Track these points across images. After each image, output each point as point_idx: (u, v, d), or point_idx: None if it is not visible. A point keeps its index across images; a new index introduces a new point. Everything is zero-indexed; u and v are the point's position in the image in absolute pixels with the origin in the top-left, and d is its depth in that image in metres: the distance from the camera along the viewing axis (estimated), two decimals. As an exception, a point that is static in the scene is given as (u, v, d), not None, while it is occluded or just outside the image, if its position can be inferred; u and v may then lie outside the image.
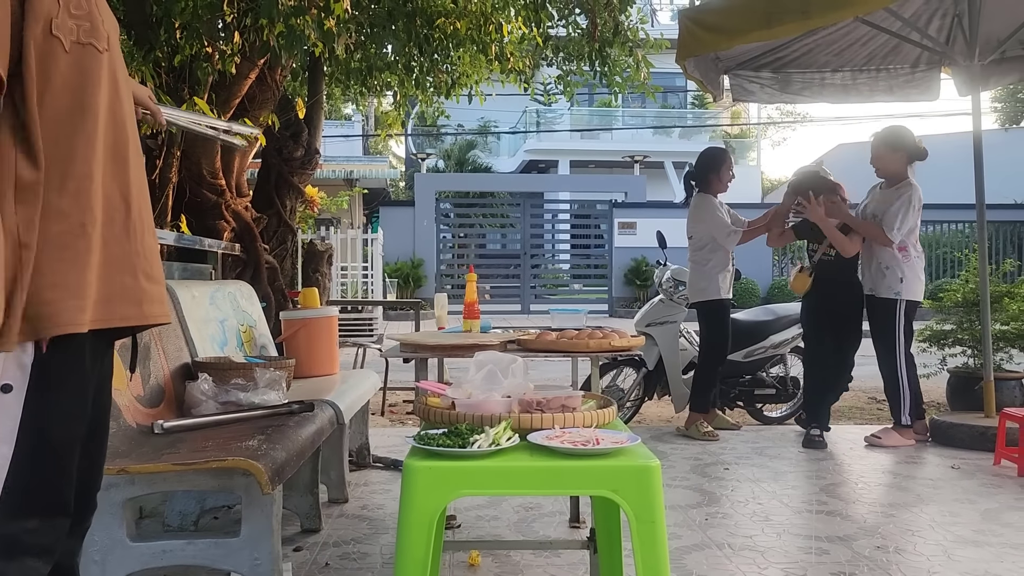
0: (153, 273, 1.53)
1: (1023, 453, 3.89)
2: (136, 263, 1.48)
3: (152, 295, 1.52)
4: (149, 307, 1.51)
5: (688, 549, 2.86)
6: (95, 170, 1.41)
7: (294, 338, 3.67)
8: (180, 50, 3.73)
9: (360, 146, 23.57)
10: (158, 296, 1.54)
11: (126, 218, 1.47)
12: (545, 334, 2.90)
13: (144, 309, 1.50)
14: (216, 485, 2.19)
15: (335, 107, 14.46)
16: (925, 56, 5.26)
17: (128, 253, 1.47)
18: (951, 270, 16.11)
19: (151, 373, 2.62)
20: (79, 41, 1.40)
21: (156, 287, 1.53)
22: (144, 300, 1.49)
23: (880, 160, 4.54)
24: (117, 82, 1.48)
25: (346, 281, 12.53)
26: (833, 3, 3.64)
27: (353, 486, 3.65)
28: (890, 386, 4.52)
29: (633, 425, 5.18)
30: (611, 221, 17.40)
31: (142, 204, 1.52)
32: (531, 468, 1.65)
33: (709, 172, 4.81)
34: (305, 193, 5.42)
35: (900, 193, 4.41)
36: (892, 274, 4.43)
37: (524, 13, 5.49)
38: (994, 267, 5.72)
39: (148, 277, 1.51)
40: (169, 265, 3.89)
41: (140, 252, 1.49)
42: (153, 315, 1.53)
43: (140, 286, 1.49)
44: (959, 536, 3.00)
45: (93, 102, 1.42)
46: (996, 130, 20.88)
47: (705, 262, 4.75)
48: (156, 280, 1.54)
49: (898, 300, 4.42)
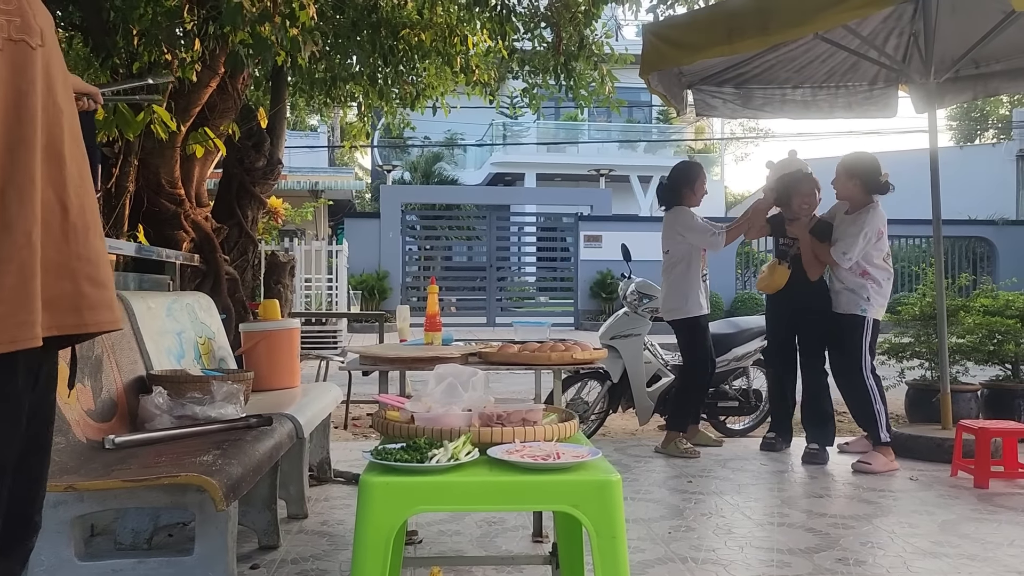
0: (99, 277, 1.45)
1: (979, 465, 3.95)
2: (77, 267, 1.41)
3: (96, 301, 1.44)
4: (92, 314, 1.43)
5: (651, 563, 2.85)
6: (36, 174, 1.34)
7: (254, 351, 3.61)
8: (138, 57, 3.66)
9: (326, 157, 23.40)
10: (105, 302, 1.46)
11: (63, 221, 1.39)
12: (507, 347, 2.88)
13: (85, 316, 1.42)
14: (169, 502, 2.14)
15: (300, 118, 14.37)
16: (883, 74, 5.36)
17: (67, 257, 1.40)
18: (909, 284, 16.43)
19: (103, 386, 2.55)
20: (11, 38, 1.34)
21: (102, 292, 1.45)
22: (85, 307, 1.41)
23: (836, 182, 4.51)
24: (51, 79, 1.41)
25: (310, 293, 12.41)
26: (792, 20, 3.69)
27: (313, 501, 3.59)
28: (862, 405, 4.37)
29: (597, 438, 5.17)
30: (577, 234, 17.47)
31: (84, 204, 1.44)
32: (490, 483, 1.62)
33: (684, 186, 4.76)
34: (267, 203, 5.36)
35: (860, 217, 4.38)
36: (858, 293, 4.37)
37: (489, 26, 5.50)
38: (950, 281, 5.83)
39: (92, 282, 1.43)
40: (125, 275, 3.81)
41: (83, 255, 1.42)
42: (97, 322, 1.45)
43: (81, 292, 1.41)
44: (917, 547, 3.03)
45: (29, 102, 1.35)
46: (951, 148, 21.40)
47: (681, 278, 4.68)
48: (102, 285, 1.45)
49: (864, 318, 4.34)
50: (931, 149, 4.85)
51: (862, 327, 4.36)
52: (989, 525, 3.31)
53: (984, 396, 5.30)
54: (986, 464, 3.95)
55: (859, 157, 4.52)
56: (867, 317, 4.36)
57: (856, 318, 4.37)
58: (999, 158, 18.96)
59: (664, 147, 26.01)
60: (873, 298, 4.38)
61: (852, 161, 4.49)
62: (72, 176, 1.42)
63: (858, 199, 4.45)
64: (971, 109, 28.51)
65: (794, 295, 4.56)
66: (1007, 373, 5.38)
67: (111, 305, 1.48)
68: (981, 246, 17.66)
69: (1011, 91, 5.42)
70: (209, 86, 4.32)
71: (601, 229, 17.11)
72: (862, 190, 4.42)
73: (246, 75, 4.72)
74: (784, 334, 4.70)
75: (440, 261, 19.86)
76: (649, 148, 25.98)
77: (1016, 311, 5.42)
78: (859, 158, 4.51)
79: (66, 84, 1.48)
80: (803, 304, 4.55)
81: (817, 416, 4.55)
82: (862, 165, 4.45)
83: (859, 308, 4.38)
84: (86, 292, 1.42)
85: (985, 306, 5.59)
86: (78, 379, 2.42)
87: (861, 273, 4.38)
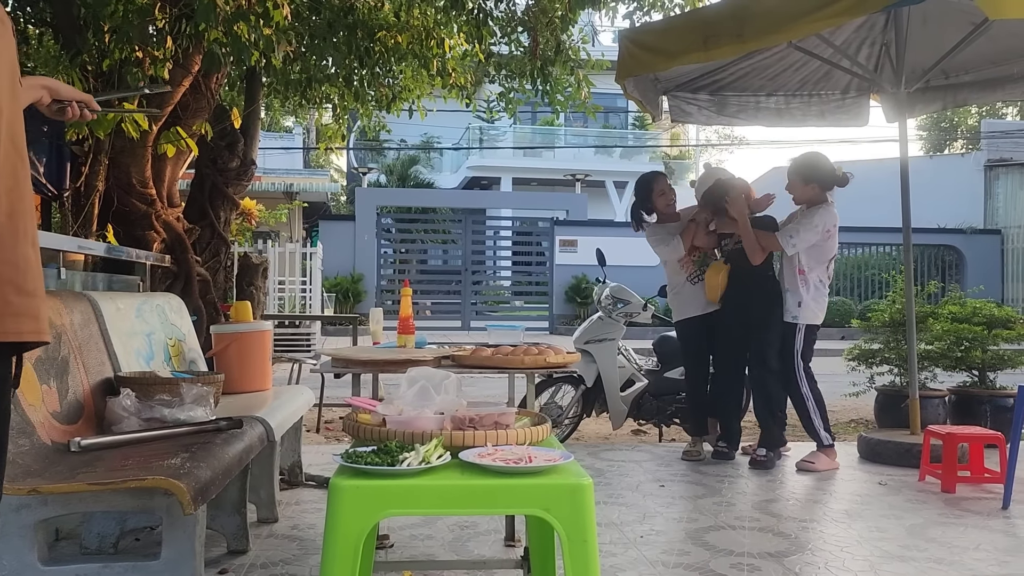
0: (25, 285, 1.40)
1: (946, 469, 4.01)
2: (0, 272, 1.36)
3: (20, 308, 1.39)
4: (13, 322, 1.38)
5: (622, 567, 2.86)
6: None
7: (225, 353, 3.57)
8: (109, 54, 3.61)
9: (301, 159, 23.25)
10: (29, 311, 1.41)
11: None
12: (480, 350, 2.88)
13: (7, 324, 1.37)
14: (135, 505, 2.10)
15: (275, 119, 14.26)
16: (855, 83, 5.43)
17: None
18: (879, 291, 16.65)
19: (69, 388, 2.51)
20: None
21: (27, 300, 1.40)
22: (8, 314, 1.37)
23: (792, 188, 4.49)
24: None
25: (284, 296, 12.31)
26: (767, 28, 3.72)
27: (284, 505, 3.56)
28: (799, 410, 4.44)
29: (571, 443, 5.17)
30: (552, 239, 17.48)
31: (15, 209, 1.39)
32: (461, 487, 1.62)
33: (646, 199, 4.83)
34: (240, 205, 5.32)
35: (810, 212, 4.39)
36: (791, 297, 4.38)
37: (466, 29, 5.49)
38: (919, 288, 5.91)
39: (17, 289, 1.38)
40: (94, 276, 3.76)
41: (8, 260, 1.37)
42: (18, 331, 1.39)
43: (5, 298, 1.36)
44: (886, 551, 3.06)
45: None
46: (921, 157, 21.72)
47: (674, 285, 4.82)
48: (28, 293, 1.41)
49: (796, 325, 4.37)
50: (901, 158, 4.91)
51: (793, 334, 4.37)
52: (956, 529, 3.35)
53: (952, 402, 5.37)
54: (953, 469, 4.00)
55: (810, 159, 4.47)
56: (798, 324, 4.37)
57: (788, 326, 4.39)
58: (968, 168, 19.24)
59: (640, 153, 26.15)
60: (806, 303, 4.36)
61: (804, 164, 4.44)
62: (3, 179, 1.38)
63: (815, 199, 4.43)
64: (941, 119, 29.01)
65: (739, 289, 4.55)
66: (974, 379, 5.46)
67: (36, 315, 1.43)
68: (950, 254, 17.93)
69: (980, 102, 5.51)
70: (182, 85, 4.27)
71: (576, 234, 17.16)
72: (819, 191, 4.42)
73: (220, 75, 4.68)
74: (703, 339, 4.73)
75: (415, 264, 19.79)
76: (625, 154, 26.11)
77: (983, 318, 5.50)
78: (810, 159, 4.46)
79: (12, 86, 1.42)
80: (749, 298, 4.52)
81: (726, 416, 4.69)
82: (816, 167, 4.42)
83: (789, 315, 4.38)
84: (10, 299, 1.37)
85: (953, 313, 5.67)
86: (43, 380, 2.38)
87: (798, 271, 4.37)
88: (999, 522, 3.48)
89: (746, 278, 4.51)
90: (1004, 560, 2.98)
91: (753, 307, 4.49)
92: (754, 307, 4.49)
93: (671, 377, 5.24)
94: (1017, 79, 4.95)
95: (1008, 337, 5.42)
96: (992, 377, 5.42)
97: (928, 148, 28.62)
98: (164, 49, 3.62)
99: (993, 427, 4.72)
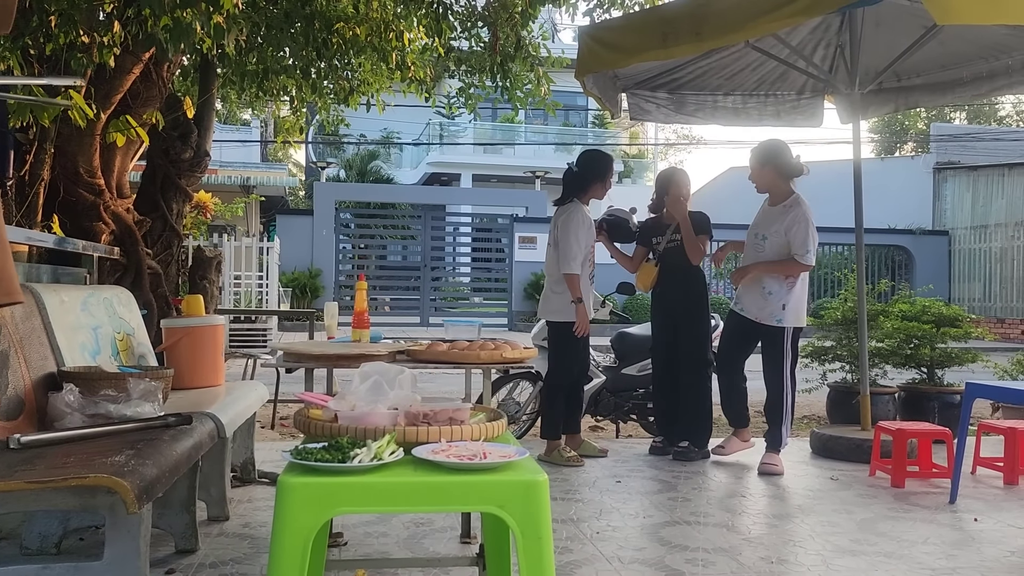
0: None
1: (896, 465, 4.08)
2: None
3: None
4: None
5: (578, 563, 2.85)
6: None
7: (176, 347, 3.48)
8: (53, 38, 3.49)
9: (258, 152, 22.90)
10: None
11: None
12: (436, 345, 2.85)
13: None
14: (77, 504, 2.03)
15: (232, 111, 14.02)
16: (810, 84, 5.50)
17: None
18: (831, 290, 16.95)
19: (9, 383, 2.42)
20: None
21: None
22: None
23: (752, 174, 4.50)
24: None
25: (240, 290, 12.11)
26: (725, 26, 3.74)
27: (235, 503, 3.49)
28: (774, 407, 4.38)
29: (529, 439, 5.16)
30: (512, 235, 17.48)
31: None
32: (414, 484, 1.59)
33: (595, 179, 4.48)
34: (194, 197, 5.20)
35: (788, 211, 4.33)
36: (775, 300, 4.33)
37: (426, 22, 5.44)
38: (870, 287, 6.01)
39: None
40: (38, 267, 3.64)
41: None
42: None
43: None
44: (837, 546, 3.10)
45: None
46: (873, 159, 22.14)
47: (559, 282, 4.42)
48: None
49: (784, 329, 4.33)
50: (855, 160, 4.99)
51: (782, 339, 4.33)
52: (905, 523, 3.41)
53: (901, 398, 5.47)
54: (902, 464, 4.07)
55: (768, 144, 4.47)
56: (784, 328, 4.32)
57: (776, 330, 4.34)
58: (917, 170, 19.67)
59: (599, 151, 26.23)
60: (791, 306, 4.33)
61: (761, 148, 4.46)
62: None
63: (778, 187, 4.42)
64: (892, 122, 29.64)
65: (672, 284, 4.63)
66: (923, 376, 5.57)
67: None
68: (899, 254, 18.33)
69: (930, 104, 5.61)
70: (132, 72, 4.16)
71: (536, 231, 17.16)
72: (777, 175, 4.40)
73: (173, 63, 4.56)
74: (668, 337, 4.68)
75: (374, 260, 19.62)
76: (585, 152, 26.18)
77: (932, 317, 5.62)
78: (768, 144, 4.47)
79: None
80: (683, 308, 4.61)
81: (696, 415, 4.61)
82: (772, 150, 4.42)
83: (774, 319, 4.33)
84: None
85: (903, 311, 5.79)
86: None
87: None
88: (946, 516, 3.55)
89: (679, 276, 4.60)
90: (951, 553, 3.04)
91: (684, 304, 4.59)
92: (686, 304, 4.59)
93: (628, 373, 5.26)
94: (966, 83, 5.06)
95: (955, 335, 5.54)
96: (940, 374, 5.53)
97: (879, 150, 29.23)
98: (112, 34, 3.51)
99: (941, 423, 4.83)
